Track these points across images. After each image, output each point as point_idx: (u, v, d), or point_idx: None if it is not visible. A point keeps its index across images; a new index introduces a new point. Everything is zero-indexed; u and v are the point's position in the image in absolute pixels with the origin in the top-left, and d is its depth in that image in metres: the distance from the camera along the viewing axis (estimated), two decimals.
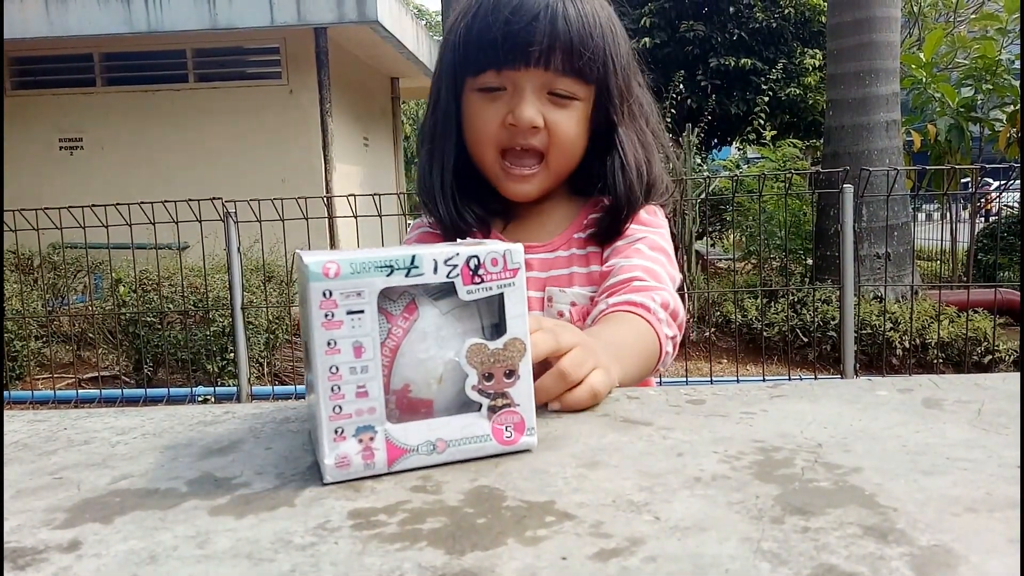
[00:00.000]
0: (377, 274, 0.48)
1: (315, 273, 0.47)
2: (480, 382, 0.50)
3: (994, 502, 0.41)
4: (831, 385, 0.67)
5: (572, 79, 0.87)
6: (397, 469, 0.49)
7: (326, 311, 0.47)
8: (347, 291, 0.47)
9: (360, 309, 0.48)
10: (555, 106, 0.88)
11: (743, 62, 8.40)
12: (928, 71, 6.65)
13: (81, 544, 0.41)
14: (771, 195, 5.62)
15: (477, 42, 0.88)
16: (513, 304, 0.51)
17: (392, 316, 0.51)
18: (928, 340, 4.48)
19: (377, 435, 0.48)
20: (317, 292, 0.47)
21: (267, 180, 6.60)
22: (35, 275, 5.19)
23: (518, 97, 0.87)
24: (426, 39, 9.08)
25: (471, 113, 0.91)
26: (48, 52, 7.19)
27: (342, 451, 0.48)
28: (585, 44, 0.86)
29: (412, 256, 0.49)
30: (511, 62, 0.86)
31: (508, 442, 0.51)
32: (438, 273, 0.49)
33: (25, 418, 0.68)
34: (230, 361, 4.26)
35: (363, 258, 0.48)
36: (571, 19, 0.85)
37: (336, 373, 0.47)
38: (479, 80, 0.89)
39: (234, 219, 3.83)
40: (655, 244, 0.94)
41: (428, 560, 0.37)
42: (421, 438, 0.49)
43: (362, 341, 0.48)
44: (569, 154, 0.91)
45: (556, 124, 0.88)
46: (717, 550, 0.37)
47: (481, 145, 0.91)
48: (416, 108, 17.28)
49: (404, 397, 0.51)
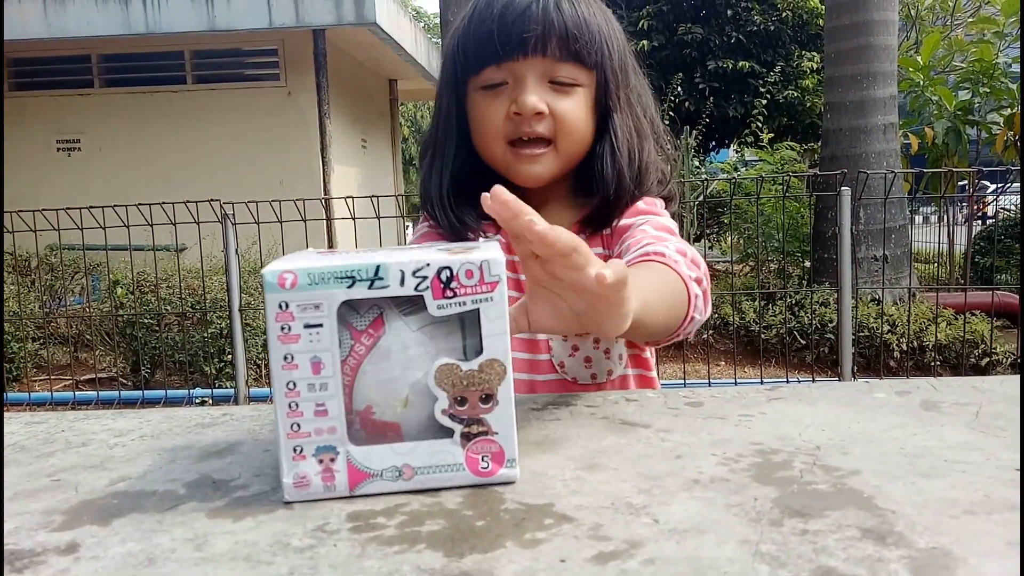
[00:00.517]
0: (337, 286, 0.45)
1: (271, 283, 0.44)
2: (451, 406, 0.46)
3: (992, 504, 0.41)
4: (829, 388, 0.67)
5: (572, 64, 0.89)
6: (360, 494, 0.46)
7: (282, 324, 0.44)
8: (304, 303, 0.44)
9: (318, 323, 0.45)
10: (558, 94, 0.89)
11: (741, 65, 8.41)
12: (925, 74, 6.67)
13: (79, 546, 0.41)
14: (769, 197, 5.62)
15: (475, 41, 0.89)
16: (491, 321, 0.46)
17: (356, 331, 0.47)
18: (926, 342, 4.48)
19: (338, 456, 0.46)
20: (273, 304, 0.44)
21: (265, 182, 6.60)
22: (32, 276, 5.18)
23: (520, 87, 0.88)
24: (424, 41, 9.09)
25: (476, 111, 0.92)
26: (46, 53, 7.19)
27: (301, 470, 0.45)
28: (580, 28, 0.87)
29: (376, 266, 0.45)
30: (509, 53, 0.87)
31: (484, 473, 0.47)
32: (405, 286, 0.45)
33: (23, 420, 0.68)
34: (228, 363, 4.25)
35: (322, 268, 0.44)
36: (563, 6, 0.87)
37: (293, 389, 0.45)
38: (481, 78, 0.90)
39: (232, 221, 3.82)
40: (659, 224, 0.91)
41: (427, 563, 0.37)
42: (386, 463, 0.46)
43: (321, 357, 0.45)
44: (577, 139, 0.92)
45: (560, 110, 0.89)
46: (716, 553, 0.37)
47: (489, 140, 0.92)
48: (414, 110, 17.30)
49: (368, 419, 0.47)
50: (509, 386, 0.47)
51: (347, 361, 0.46)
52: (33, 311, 4.72)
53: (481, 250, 0.47)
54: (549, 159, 0.91)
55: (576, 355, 0.92)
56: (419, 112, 17.51)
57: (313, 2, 6.65)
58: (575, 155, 0.93)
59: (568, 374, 0.92)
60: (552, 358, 0.92)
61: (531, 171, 0.91)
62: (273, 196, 3.95)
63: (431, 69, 9.08)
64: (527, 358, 0.93)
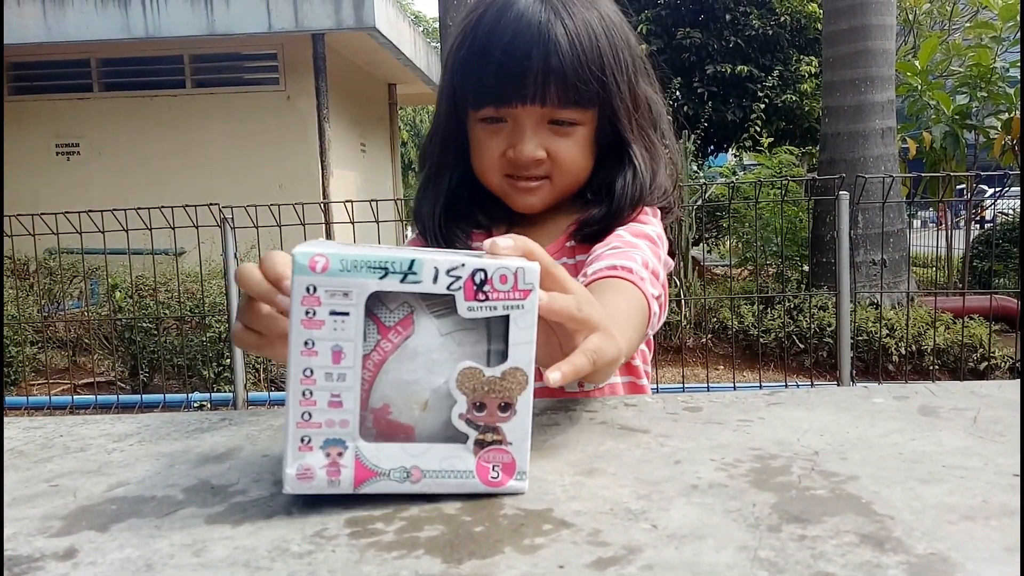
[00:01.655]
0: (369, 275, 0.43)
1: (301, 265, 0.43)
2: (469, 411, 0.45)
3: (990, 510, 0.41)
4: (827, 393, 0.67)
5: (572, 109, 0.87)
6: (364, 492, 0.45)
7: (307, 308, 0.43)
8: (333, 289, 0.43)
9: (346, 311, 0.44)
10: (557, 135, 0.88)
11: (739, 69, 8.43)
12: (923, 79, 6.68)
13: (77, 552, 0.41)
14: (767, 202, 5.63)
15: (473, 79, 0.87)
16: (520, 329, 0.45)
17: (385, 327, 0.46)
18: (924, 347, 4.49)
19: (347, 451, 0.44)
20: (300, 286, 0.43)
21: (264, 186, 6.60)
22: (31, 280, 5.17)
23: (518, 132, 0.87)
24: (423, 45, 9.10)
25: (475, 141, 0.92)
26: (45, 57, 7.19)
27: (306, 462, 0.44)
28: (580, 76, 0.84)
29: (411, 260, 0.44)
30: (507, 101, 0.86)
31: (494, 483, 0.46)
32: (438, 283, 0.44)
33: (20, 425, 0.68)
34: (226, 367, 4.25)
35: (356, 255, 0.44)
36: (564, 52, 0.82)
37: (310, 377, 0.44)
38: (480, 113, 0.90)
39: (231, 225, 3.82)
40: (637, 231, 0.91)
41: (425, 568, 0.37)
42: (395, 463, 0.45)
43: (343, 346, 0.44)
44: (574, 176, 0.92)
45: (559, 152, 0.88)
46: (714, 558, 0.37)
47: (486, 172, 0.92)
48: (413, 114, 17.32)
49: (383, 418, 0.46)
50: (529, 397, 0.46)
51: (371, 356, 0.46)
52: (32, 315, 4.72)
53: (517, 259, 0.46)
54: (544, 191, 0.91)
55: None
56: (418, 116, 17.53)
57: (312, 6, 6.66)
58: (571, 188, 0.93)
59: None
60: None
61: (526, 202, 0.91)
62: (272, 200, 3.95)
63: (430, 73, 9.09)
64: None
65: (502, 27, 0.83)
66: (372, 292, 0.44)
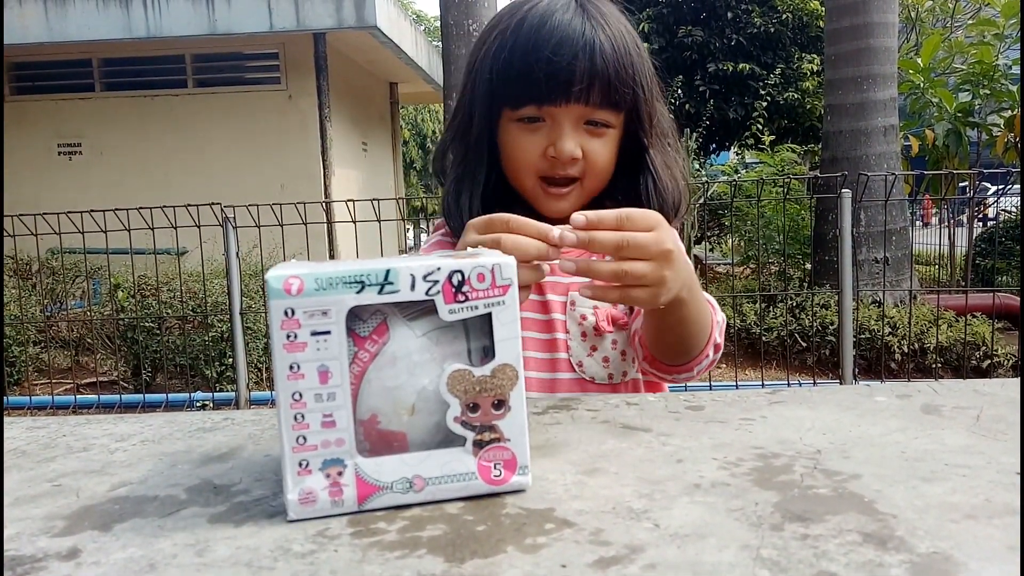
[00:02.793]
0: (346, 291, 0.43)
1: (276, 289, 0.42)
2: (463, 413, 0.45)
3: (993, 509, 0.41)
4: (830, 391, 0.67)
5: (608, 110, 0.91)
6: (368, 508, 0.44)
7: (288, 331, 0.43)
8: (311, 310, 0.43)
9: (326, 330, 0.43)
10: (591, 136, 0.92)
11: (741, 67, 8.42)
12: (926, 76, 6.67)
13: (80, 552, 0.41)
14: (769, 200, 5.63)
15: (519, 78, 0.90)
16: (503, 325, 0.45)
17: (360, 338, 0.46)
18: (927, 345, 4.48)
19: (346, 470, 0.44)
20: (278, 310, 0.42)
21: (266, 185, 6.61)
22: (34, 280, 5.18)
23: (558, 130, 0.90)
24: (425, 44, 9.10)
25: (510, 142, 0.94)
26: (47, 57, 7.20)
27: (307, 486, 0.43)
28: (621, 78, 0.89)
29: (386, 271, 0.44)
30: (553, 99, 0.89)
31: (497, 481, 0.46)
32: (416, 290, 0.44)
33: (23, 425, 0.68)
34: (229, 366, 4.25)
35: (330, 273, 0.43)
36: (607, 54, 0.87)
37: (299, 400, 0.43)
38: (519, 112, 0.92)
39: (233, 224, 3.83)
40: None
41: (427, 568, 0.37)
42: (396, 475, 0.45)
43: (329, 365, 0.43)
44: (603, 178, 0.95)
45: (592, 153, 0.92)
46: (716, 557, 0.37)
47: (520, 172, 0.94)
48: (415, 113, 17.31)
49: (373, 429, 0.46)
50: (521, 392, 0.46)
51: (350, 368, 0.45)
52: (34, 315, 4.72)
53: (490, 255, 0.47)
54: (575, 196, 0.94)
55: (594, 355, 0.95)
56: (419, 115, 17.53)
57: (314, 5, 6.67)
58: (597, 190, 0.96)
59: (586, 373, 0.94)
60: (571, 357, 0.95)
61: (558, 207, 0.94)
62: (274, 199, 3.96)
63: (432, 72, 9.09)
64: (547, 357, 0.95)
65: (547, 32, 0.88)
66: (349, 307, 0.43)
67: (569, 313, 0.95)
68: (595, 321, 0.94)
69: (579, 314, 0.95)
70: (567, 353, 0.95)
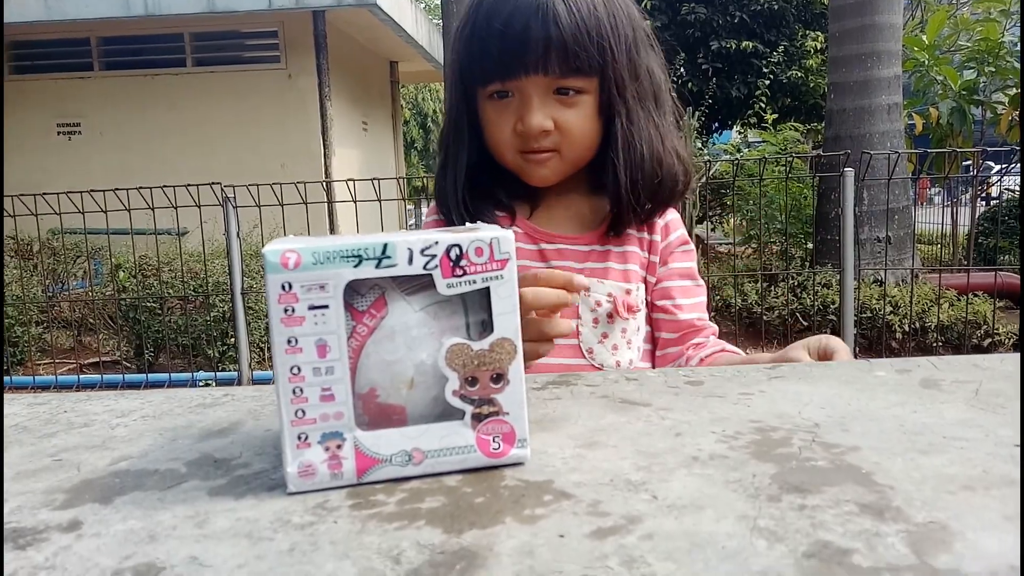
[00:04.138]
0: (343, 265, 0.43)
1: (273, 264, 0.43)
2: (462, 387, 0.45)
3: (990, 480, 0.41)
4: (829, 366, 0.67)
5: (574, 77, 0.88)
6: (368, 480, 0.45)
7: (285, 306, 0.43)
8: (309, 284, 0.43)
9: (324, 304, 0.43)
10: (563, 105, 0.89)
11: (744, 45, 8.34)
12: (930, 53, 6.61)
13: (81, 524, 0.41)
14: (772, 179, 5.60)
15: (478, 55, 0.90)
16: (501, 299, 0.45)
17: (358, 312, 0.46)
18: (928, 323, 4.48)
19: (345, 443, 0.44)
20: (275, 284, 0.43)
21: (266, 165, 6.59)
22: (35, 261, 5.19)
23: (525, 104, 0.89)
24: (425, 22, 9.02)
25: (485, 120, 0.94)
26: (45, 36, 7.16)
27: (306, 459, 0.44)
28: (580, 42, 0.85)
29: (384, 245, 0.44)
30: (511, 73, 0.88)
31: (496, 454, 0.46)
32: (414, 264, 0.44)
33: (24, 401, 0.68)
34: (231, 346, 4.27)
35: (328, 247, 0.43)
36: (563, 19, 0.84)
37: (298, 374, 0.43)
38: (487, 89, 0.91)
39: (233, 204, 3.82)
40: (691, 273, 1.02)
41: (426, 538, 0.37)
42: (395, 447, 0.45)
43: (326, 339, 0.44)
44: (584, 145, 0.93)
45: (565, 123, 0.90)
46: (714, 528, 0.37)
47: (499, 148, 0.94)
48: (415, 92, 17.22)
49: (372, 402, 0.46)
50: (519, 365, 0.46)
51: (348, 343, 0.45)
52: (36, 295, 4.73)
53: (488, 229, 0.47)
54: (555, 163, 0.93)
55: (605, 342, 0.95)
56: (420, 94, 17.43)
57: None
58: (582, 158, 0.94)
59: (595, 360, 0.95)
60: (581, 344, 0.95)
61: (539, 174, 0.93)
62: (274, 179, 3.95)
63: (432, 50, 9.02)
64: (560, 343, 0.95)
65: (502, 3, 0.86)
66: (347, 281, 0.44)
67: (582, 299, 0.95)
68: (611, 308, 0.95)
69: (593, 300, 0.95)
70: (578, 340, 0.95)
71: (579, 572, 0.33)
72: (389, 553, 0.36)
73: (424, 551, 0.36)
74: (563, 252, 0.97)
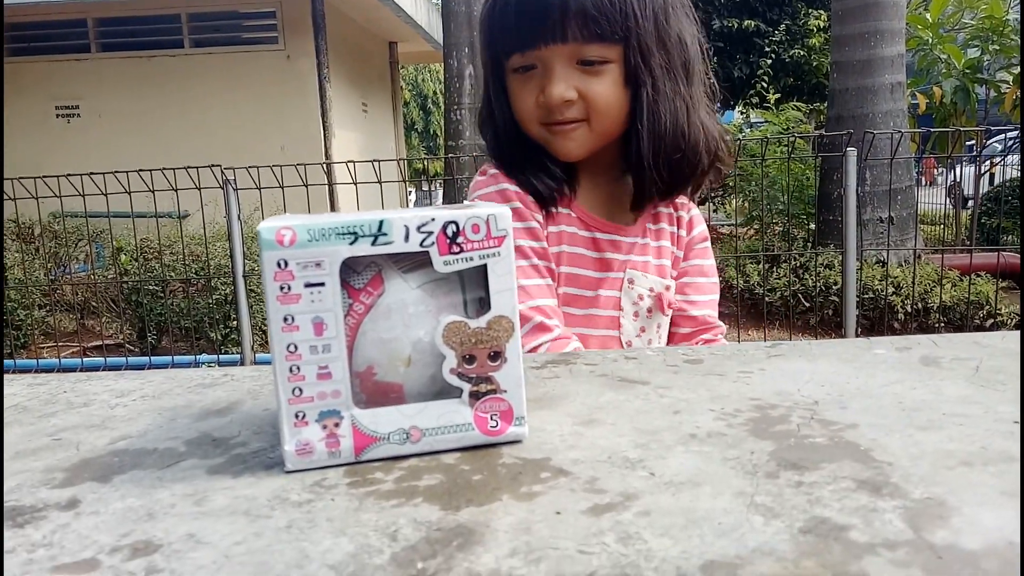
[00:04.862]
0: (339, 242, 0.43)
1: (268, 241, 0.42)
2: (460, 365, 0.45)
3: (988, 456, 0.41)
4: (829, 344, 0.67)
5: (597, 44, 0.87)
6: (366, 459, 0.45)
7: (281, 283, 0.43)
8: (305, 261, 0.43)
9: (320, 281, 0.43)
10: (588, 75, 0.88)
11: (746, 24, 8.28)
12: (934, 32, 6.56)
13: (80, 502, 0.41)
14: (774, 159, 5.58)
15: (499, 27, 0.89)
16: (498, 277, 0.45)
17: (355, 290, 0.45)
18: (930, 304, 4.48)
19: (343, 421, 0.44)
20: (271, 262, 0.42)
21: (266, 147, 6.57)
22: (36, 244, 5.19)
23: (548, 74, 0.88)
24: (424, 2, 8.95)
25: (512, 93, 0.93)
26: (42, 17, 7.10)
27: (304, 437, 0.44)
28: (601, 8, 0.84)
29: (380, 222, 0.43)
30: (531, 43, 0.87)
31: (493, 432, 0.46)
32: (410, 241, 0.44)
33: (24, 382, 0.68)
34: (233, 329, 4.28)
35: (324, 224, 0.43)
36: None
37: (295, 352, 0.43)
38: (510, 62, 0.91)
39: (233, 186, 3.81)
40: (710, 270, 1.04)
41: (423, 516, 0.37)
42: (393, 425, 0.45)
43: (323, 317, 0.43)
44: (611, 116, 0.90)
45: (590, 92, 0.88)
46: (711, 504, 0.37)
47: (525, 122, 0.93)
48: (415, 73, 17.11)
49: (369, 380, 0.46)
50: (517, 343, 0.46)
51: (346, 320, 0.45)
52: (38, 278, 4.74)
53: (485, 206, 0.46)
54: (582, 134, 0.90)
55: (643, 336, 0.97)
56: (420, 75, 17.31)
57: None
58: (611, 130, 0.92)
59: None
60: (621, 336, 0.96)
61: (566, 146, 0.91)
62: (274, 161, 3.93)
63: (431, 31, 8.95)
64: (599, 334, 0.96)
65: None
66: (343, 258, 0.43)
67: (626, 291, 0.95)
68: (652, 303, 0.95)
69: (636, 293, 0.95)
70: (618, 331, 0.95)
71: (575, 548, 0.33)
72: (386, 530, 0.36)
73: (421, 528, 0.36)
74: (616, 244, 0.96)
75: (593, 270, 0.94)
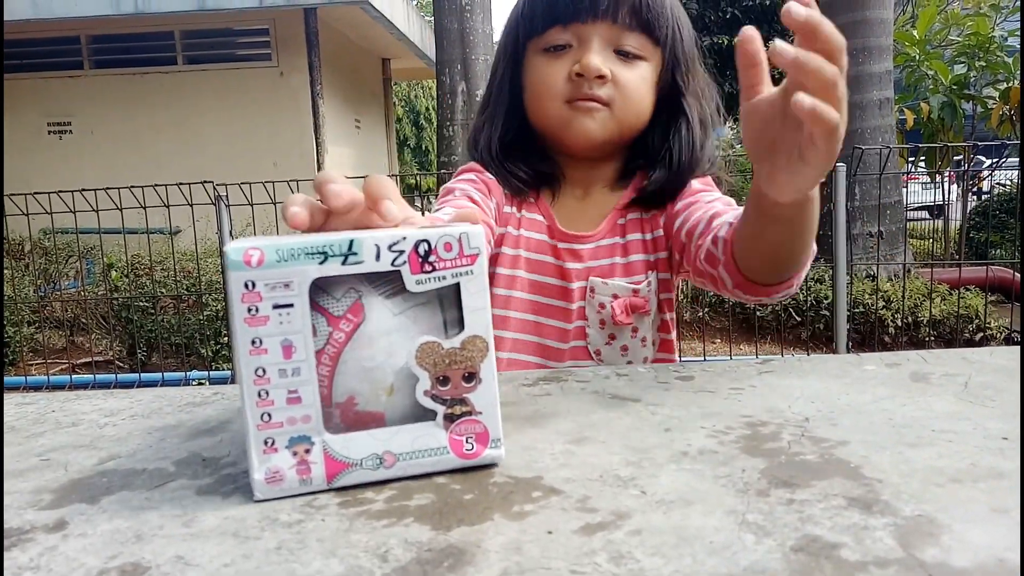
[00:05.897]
0: (308, 261, 0.42)
1: (236, 262, 0.41)
2: (434, 386, 0.44)
3: (978, 473, 0.41)
4: (819, 360, 0.67)
5: (640, 34, 0.88)
6: (338, 485, 0.43)
7: (249, 305, 0.41)
8: (273, 282, 0.41)
9: (289, 302, 0.42)
10: (622, 63, 0.89)
11: (736, 40, 8.36)
12: (921, 48, 6.64)
13: (67, 524, 0.41)
14: None
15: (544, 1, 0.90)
16: (472, 296, 0.44)
17: (334, 317, 0.44)
18: (920, 318, 4.50)
19: (314, 447, 0.43)
20: (238, 283, 0.41)
21: (258, 163, 6.57)
22: (26, 261, 5.16)
23: (584, 49, 0.88)
24: (417, 19, 9.00)
25: (534, 73, 0.92)
26: (34, 35, 7.11)
27: (273, 464, 0.42)
28: (653, 1, 0.87)
29: (350, 241, 0.42)
30: (578, 15, 0.87)
31: (469, 455, 0.45)
32: (381, 260, 0.43)
33: (13, 401, 0.67)
34: (224, 345, 4.25)
35: (292, 244, 0.42)
36: None
37: (263, 376, 0.42)
38: (544, 39, 0.90)
39: (225, 203, 3.80)
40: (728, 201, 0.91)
41: (414, 536, 0.37)
42: (366, 451, 0.43)
43: (292, 339, 0.42)
44: (635, 109, 0.90)
45: (622, 77, 0.88)
46: (702, 522, 0.37)
47: (545, 99, 0.91)
48: (408, 89, 17.17)
49: (350, 411, 0.44)
50: (492, 363, 0.45)
51: (325, 350, 0.44)
52: (28, 295, 4.71)
53: (458, 225, 0.45)
54: (604, 117, 0.89)
55: (613, 344, 0.94)
56: (412, 91, 17.38)
57: None
58: (630, 125, 0.91)
59: (604, 361, 0.94)
60: (588, 345, 0.94)
61: (585, 125, 0.89)
62: (267, 177, 3.93)
63: (424, 48, 9.00)
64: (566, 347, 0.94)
65: None
66: (315, 281, 0.42)
67: (588, 300, 0.93)
68: (613, 312, 0.92)
69: (597, 302, 0.93)
70: (585, 341, 0.94)
71: (567, 568, 0.33)
72: (376, 551, 0.36)
73: (412, 548, 0.36)
74: (575, 253, 0.95)
75: (557, 278, 0.94)
